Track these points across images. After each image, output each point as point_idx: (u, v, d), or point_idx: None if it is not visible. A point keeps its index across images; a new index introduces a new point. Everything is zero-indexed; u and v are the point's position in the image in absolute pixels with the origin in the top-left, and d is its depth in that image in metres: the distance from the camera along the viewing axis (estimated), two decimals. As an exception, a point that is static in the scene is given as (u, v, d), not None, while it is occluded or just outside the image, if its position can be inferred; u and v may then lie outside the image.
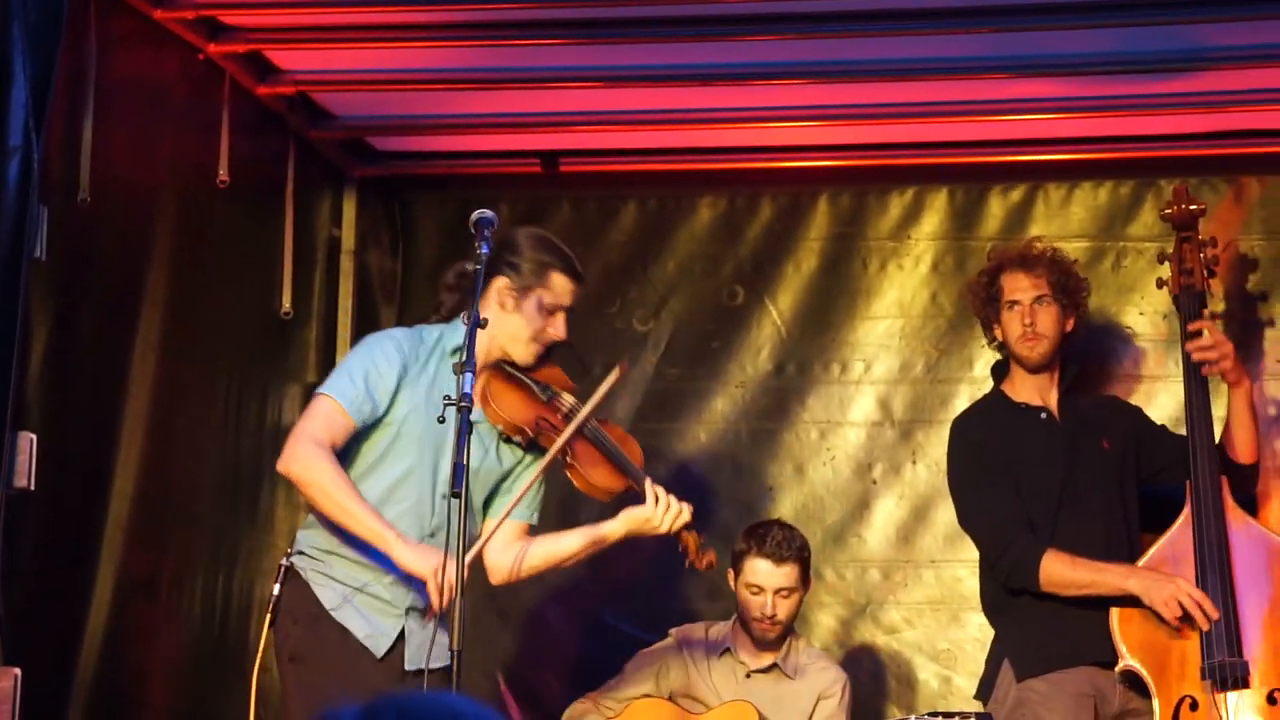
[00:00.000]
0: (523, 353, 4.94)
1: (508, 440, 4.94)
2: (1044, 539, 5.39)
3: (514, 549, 4.97)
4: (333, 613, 4.80)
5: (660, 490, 4.95)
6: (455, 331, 4.91)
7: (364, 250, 6.53)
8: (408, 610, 4.82)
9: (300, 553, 4.87)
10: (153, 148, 5.33)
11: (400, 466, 4.83)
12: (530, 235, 5.04)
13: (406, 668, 4.77)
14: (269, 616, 4.84)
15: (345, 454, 4.83)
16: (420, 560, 4.63)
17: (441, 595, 4.54)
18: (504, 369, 4.95)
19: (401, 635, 4.82)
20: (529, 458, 4.99)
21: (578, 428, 4.86)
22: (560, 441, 4.82)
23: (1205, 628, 5.17)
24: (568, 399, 4.97)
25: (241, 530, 5.86)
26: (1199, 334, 5.55)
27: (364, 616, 4.79)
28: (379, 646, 4.79)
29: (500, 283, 4.91)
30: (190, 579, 5.56)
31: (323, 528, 4.84)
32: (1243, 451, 5.54)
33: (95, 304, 5.05)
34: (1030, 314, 5.56)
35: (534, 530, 5.04)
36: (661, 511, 4.92)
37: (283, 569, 4.86)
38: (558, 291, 4.93)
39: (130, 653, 5.23)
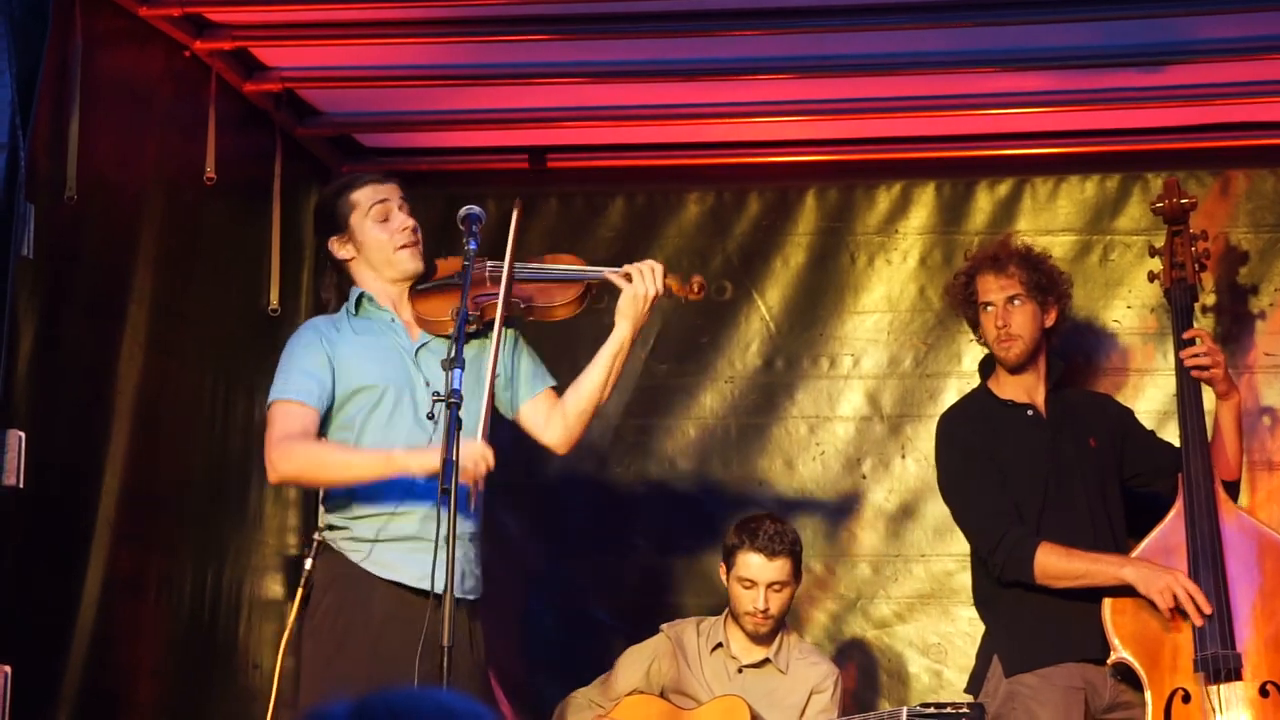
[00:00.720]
0: (402, 265, 4.96)
1: (468, 336, 4.90)
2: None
3: (556, 413, 5.01)
4: (364, 566, 4.80)
5: (632, 266, 4.99)
6: (350, 296, 4.99)
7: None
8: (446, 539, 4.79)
9: (329, 527, 4.90)
10: (139, 145, 5.32)
11: (381, 414, 4.84)
12: (327, 190, 5.19)
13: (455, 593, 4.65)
14: (300, 590, 4.86)
15: (351, 437, 4.87)
16: (431, 455, 4.56)
17: (479, 472, 4.58)
18: (414, 291, 4.97)
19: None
20: (488, 340, 4.93)
21: (509, 278, 4.81)
22: (502, 296, 4.75)
23: (1199, 623, 5.18)
24: (481, 265, 4.92)
25: (230, 528, 5.86)
26: (1192, 340, 5.54)
27: (404, 560, 4.78)
28: (438, 582, 4.70)
29: (331, 243, 5.01)
30: (178, 576, 5.56)
31: (338, 499, 4.87)
32: (1226, 468, 5.52)
33: (82, 302, 5.04)
34: (1004, 316, 5.55)
35: (559, 390, 5.06)
36: (640, 283, 4.97)
37: (315, 544, 4.89)
38: (368, 197, 4.97)
39: (119, 650, 5.22)
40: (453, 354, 4.49)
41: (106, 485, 5.10)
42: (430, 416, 4.59)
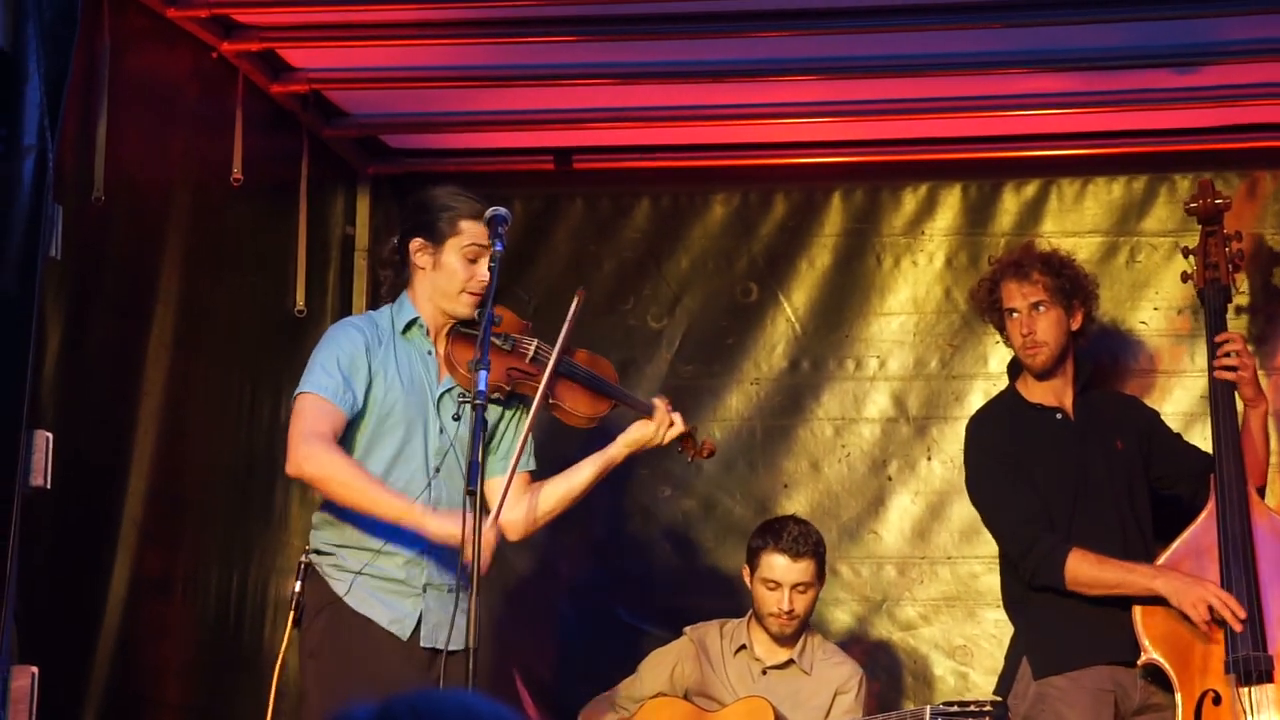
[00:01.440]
0: (458, 306, 4.88)
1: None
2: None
3: (524, 501, 4.94)
4: (345, 599, 4.79)
5: (660, 405, 4.99)
6: (401, 309, 4.91)
7: (378, 247, 6.52)
8: (425, 588, 4.81)
9: (316, 550, 4.87)
10: (166, 146, 5.34)
11: (390, 448, 4.81)
12: (432, 193, 4.99)
13: (422, 644, 4.72)
14: (292, 614, 4.84)
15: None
16: (453, 526, 4.57)
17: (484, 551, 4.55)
18: (458, 330, 4.91)
19: (419, 621, 4.81)
20: (509, 411, 4.97)
21: (553, 370, 4.82)
22: (542, 389, 4.77)
23: (1238, 629, 5.15)
24: (529, 342, 4.91)
25: (255, 528, 5.86)
26: (1223, 343, 5.52)
27: (382, 602, 4.78)
28: (404, 630, 4.77)
29: (415, 244, 4.89)
30: (204, 576, 5.57)
31: (331, 523, 4.84)
32: (1254, 473, 5.50)
33: (109, 302, 5.05)
34: (1028, 323, 5.53)
35: (535, 476, 5.01)
36: (659, 426, 4.97)
37: (302, 566, 4.86)
38: (471, 235, 4.86)
39: (145, 650, 5.23)
40: (477, 355, 4.50)
41: (133, 486, 5.11)
42: (456, 417, 4.62)
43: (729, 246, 6.52)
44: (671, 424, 4.99)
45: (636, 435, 4.99)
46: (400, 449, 4.81)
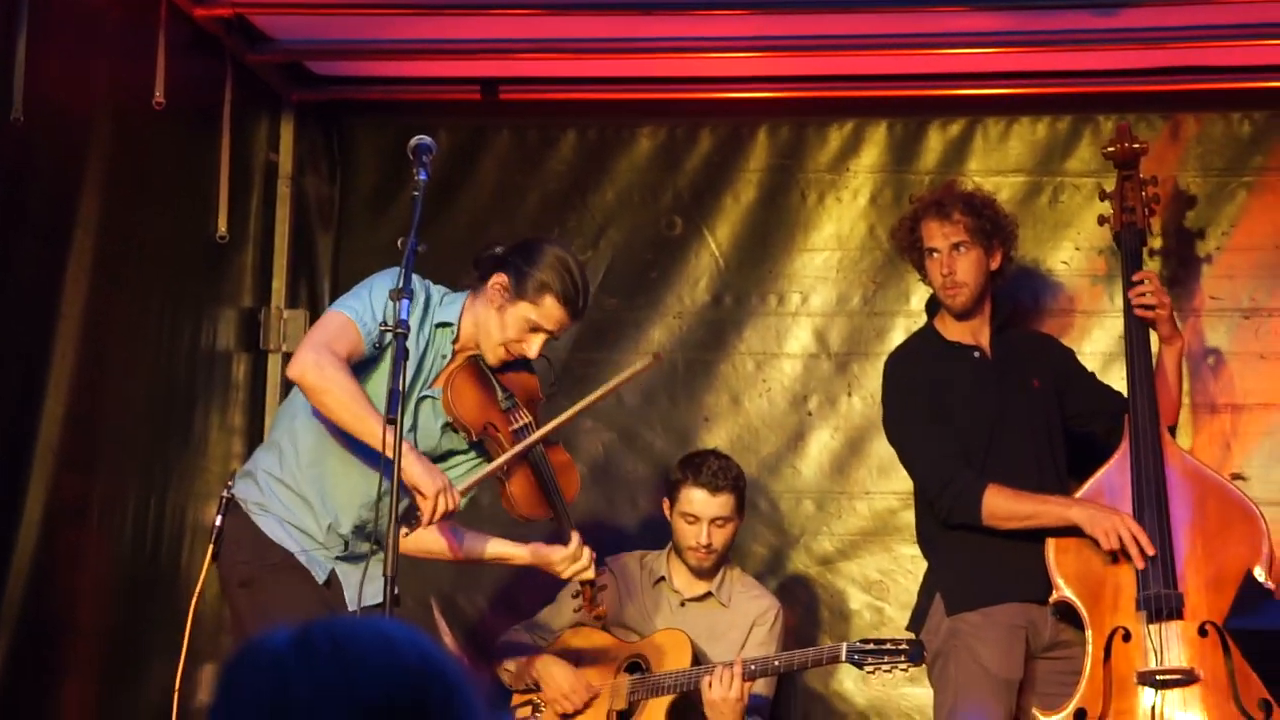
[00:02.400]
0: (490, 353, 4.91)
1: (453, 430, 4.92)
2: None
3: (429, 534, 4.88)
4: (270, 535, 4.80)
5: (577, 539, 5.01)
6: (450, 307, 4.89)
7: (301, 175, 6.49)
8: (337, 559, 4.83)
9: (246, 475, 4.87)
10: (88, 68, 5.28)
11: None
12: (554, 254, 4.92)
13: (349, 607, 4.74)
14: (211, 548, 4.84)
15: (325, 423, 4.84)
16: (426, 476, 4.58)
17: (432, 515, 4.57)
18: (477, 362, 4.94)
19: (333, 574, 4.83)
20: (470, 455, 5.00)
21: (520, 453, 4.85)
22: (499, 462, 4.82)
23: (1140, 566, 5.21)
24: (524, 415, 4.95)
25: (174, 454, 5.84)
26: (1140, 282, 5.57)
27: (297, 541, 4.80)
28: (316, 571, 4.79)
29: (500, 279, 4.86)
30: (121, 502, 5.54)
31: (281, 451, 4.85)
32: (1166, 411, 5.53)
33: (28, 225, 5.01)
34: (949, 263, 5.54)
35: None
36: (570, 561, 5.02)
37: (224, 500, 4.86)
38: (546, 312, 4.85)
39: (61, 575, 5.21)
40: (400, 282, 4.48)
41: (49, 411, 5.07)
42: (376, 346, 4.60)
43: (654, 180, 6.51)
44: (579, 562, 5.02)
45: (546, 553, 5.04)
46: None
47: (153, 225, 5.66)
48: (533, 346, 4.88)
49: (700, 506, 5.68)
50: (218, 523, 4.85)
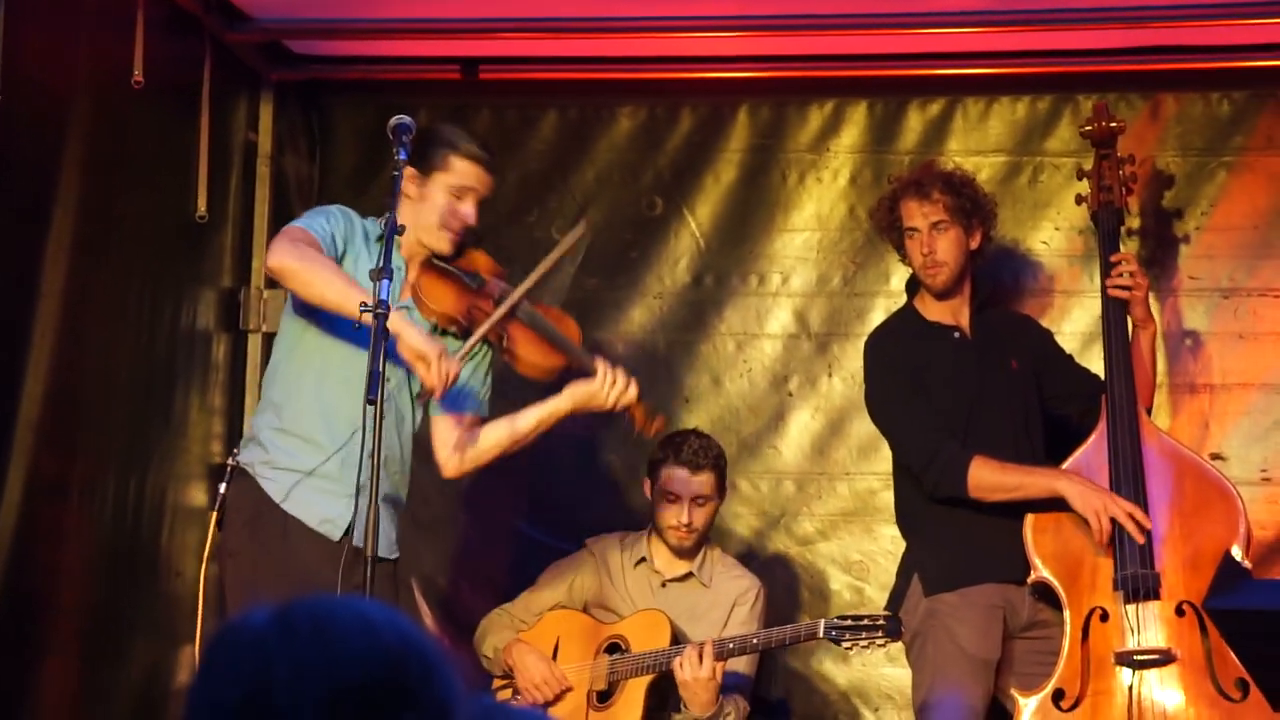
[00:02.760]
0: (436, 240, 4.95)
1: (444, 333, 4.93)
2: (961, 450, 5.43)
3: (466, 443, 5.00)
4: (281, 505, 4.81)
5: (606, 365, 4.98)
6: (374, 225, 4.95)
7: (280, 155, 6.48)
8: (358, 490, 4.81)
9: (252, 440, 4.90)
10: (67, 47, 5.26)
11: (342, 346, 4.82)
12: (444, 128, 5.06)
13: (355, 543, 4.59)
14: (215, 515, 4.89)
15: (294, 343, 4.90)
16: (426, 342, 4.61)
17: (441, 380, 4.59)
18: (432, 263, 4.96)
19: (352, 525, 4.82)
20: (472, 355, 4.99)
21: (509, 309, 4.87)
22: (490, 322, 4.82)
23: (1140, 540, 5.21)
24: (497, 286, 4.96)
25: (154, 434, 5.83)
26: (1117, 264, 5.58)
27: (314, 503, 4.80)
28: (334, 530, 4.78)
29: (408, 173, 4.88)
30: (102, 481, 5.53)
31: (277, 404, 4.88)
32: (1140, 394, 5.54)
33: (6, 204, 4.99)
34: (929, 242, 5.55)
35: (484, 422, 5.06)
36: (607, 388, 4.95)
37: (230, 469, 4.88)
38: (460, 174, 4.93)
39: (40, 554, 5.20)
40: (379, 264, 4.48)
41: (29, 389, 5.06)
42: (356, 327, 4.59)
43: (634, 160, 6.51)
44: (617, 385, 4.97)
45: (582, 390, 4.98)
46: (352, 343, 4.79)
47: (132, 205, 5.65)
48: (468, 211, 4.94)
49: (681, 485, 5.68)
50: (222, 490, 4.88)
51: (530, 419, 5.04)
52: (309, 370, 4.90)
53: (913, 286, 5.73)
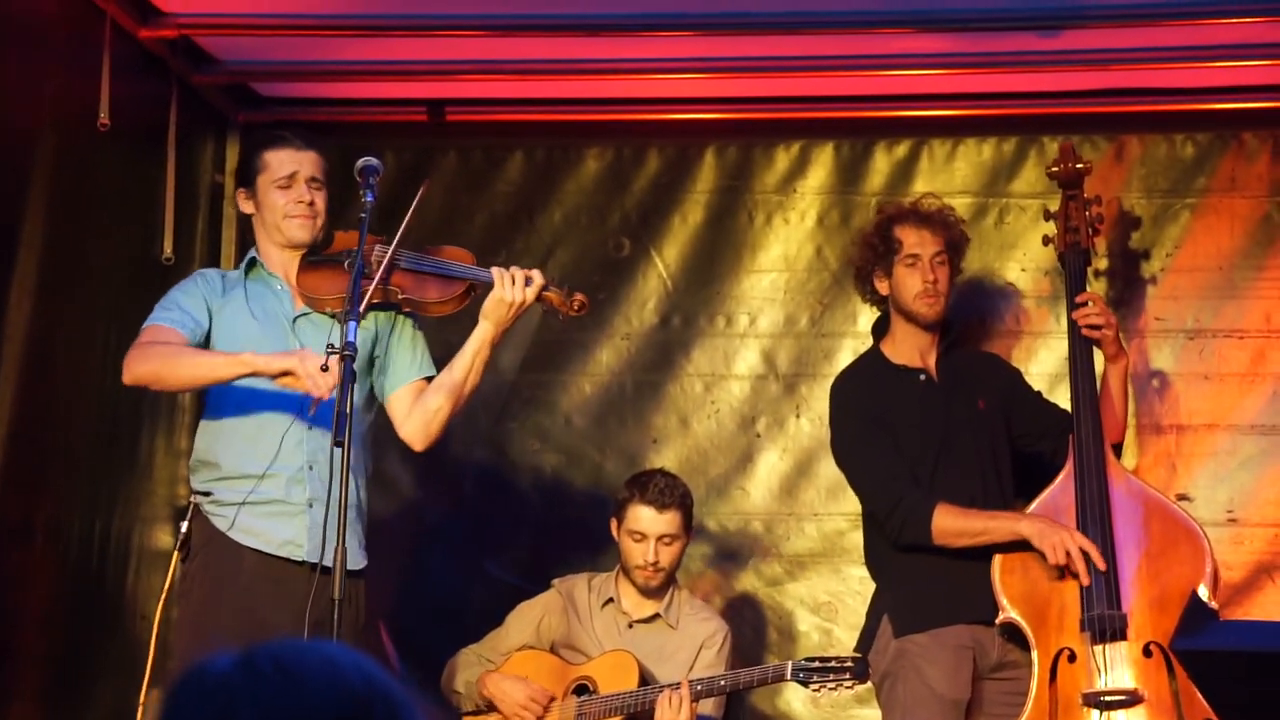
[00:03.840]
0: (291, 232, 5.01)
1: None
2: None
3: (418, 408, 5.01)
4: (230, 534, 4.80)
5: (501, 269, 4.95)
6: (246, 257, 5.08)
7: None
8: (309, 503, 4.81)
9: (195, 491, 4.94)
10: (32, 88, 5.26)
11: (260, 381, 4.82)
12: (256, 138, 5.20)
13: (324, 562, 4.54)
14: (176, 555, 4.92)
15: (219, 401, 4.92)
16: (279, 358, 4.67)
17: (319, 384, 4.58)
18: (303, 261, 5.00)
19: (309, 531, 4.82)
20: (381, 321, 5.02)
21: (387, 265, 4.85)
22: (374, 284, 4.78)
23: (1085, 581, 5.22)
24: (372, 249, 4.92)
25: (120, 476, 5.81)
26: (1085, 303, 5.60)
27: (269, 528, 4.81)
28: (299, 551, 4.78)
29: (240, 195, 5.07)
30: (67, 524, 5.51)
31: (205, 463, 4.92)
32: (1112, 430, 5.56)
33: (-30, 245, 4.99)
34: (932, 271, 5.58)
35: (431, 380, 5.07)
36: (510, 287, 4.92)
37: (191, 507, 4.91)
38: (275, 164, 5.01)
39: (4, 597, 5.17)
40: (346, 307, 4.48)
41: (-6, 431, 5.05)
42: (324, 368, 4.57)
43: (602, 201, 6.52)
44: (517, 280, 4.92)
45: (491, 306, 4.95)
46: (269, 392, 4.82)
47: (98, 246, 5.64)
48: (302, 195, 4.99)
49: (647, 524, 5.67)
50: (184, 529, 4.91)
51: (464, 357, 5.01)
52: (223, 412, 4.93)
53: (878, 329, 5.74)
